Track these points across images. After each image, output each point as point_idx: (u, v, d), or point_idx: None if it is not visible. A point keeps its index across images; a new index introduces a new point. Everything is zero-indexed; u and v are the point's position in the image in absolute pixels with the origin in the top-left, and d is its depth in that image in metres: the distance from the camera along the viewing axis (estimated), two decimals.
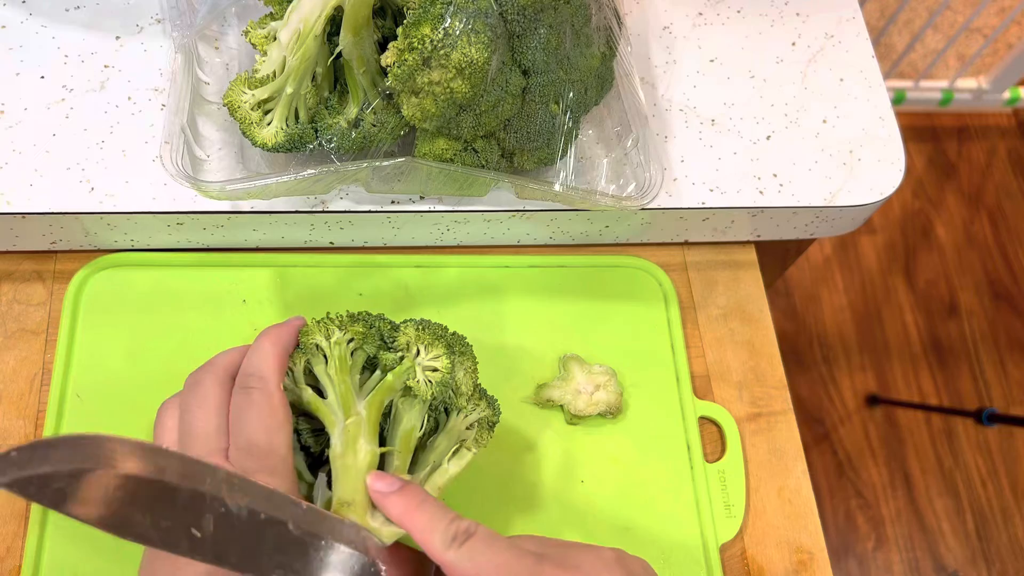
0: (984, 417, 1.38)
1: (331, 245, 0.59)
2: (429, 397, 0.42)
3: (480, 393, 0.45)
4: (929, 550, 1.45)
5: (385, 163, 0.50)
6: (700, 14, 0.66)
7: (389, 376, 0.42)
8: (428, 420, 0.43)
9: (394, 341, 0.43)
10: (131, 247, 0.57)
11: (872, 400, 1.56)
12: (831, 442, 1.53)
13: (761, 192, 0.59)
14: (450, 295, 0.59)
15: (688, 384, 0.58)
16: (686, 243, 0.64)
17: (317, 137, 0.51)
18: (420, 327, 0.43)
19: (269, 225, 0.55)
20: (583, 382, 0.55)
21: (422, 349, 0.43)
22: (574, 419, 0.56)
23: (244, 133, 0.52)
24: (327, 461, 0.42)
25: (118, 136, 0.55)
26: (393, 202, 0.55)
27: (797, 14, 0.67)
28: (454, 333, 0.45)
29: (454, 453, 0.44)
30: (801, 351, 1.60)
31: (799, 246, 0.72)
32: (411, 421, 0.43)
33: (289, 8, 0.49)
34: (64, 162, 0.54)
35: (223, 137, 0.55)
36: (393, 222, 0.57)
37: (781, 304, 1.64)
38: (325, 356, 0.42)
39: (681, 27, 0.65)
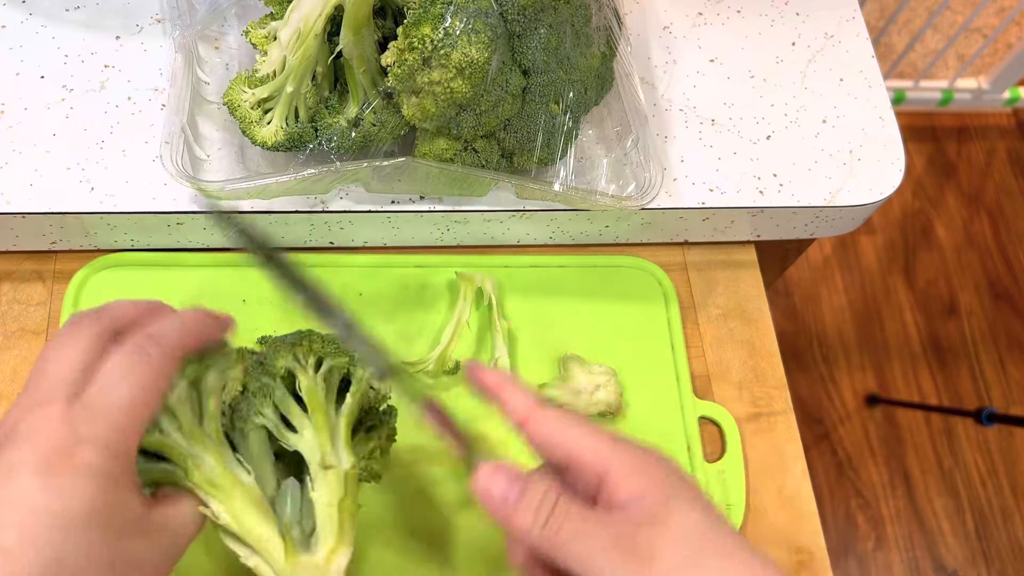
0: (984, 417, 1.38)
1: (331, 245, 0.59)
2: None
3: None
4: (929, 550, 1.45)
5: (385, 163, 0.50)
6: (700, 14, 0.66)
7: (350, 398, 0.44)
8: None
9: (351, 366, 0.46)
10: (131, 247, 0.57)
11: (872, 400, 1.56)
12: (831, 442, 1.53)
13: (761, 192, 0.59)
14: (450, 295, 0.59)
15: (688, 384, 0.58)
16: (686, 243, 0.64)
17: (317, 136, 0.51)
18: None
19: (269, 225, 0.55)
20: (583, 382, 0.55)
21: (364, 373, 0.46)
22: None
23: (244, 132, 0.52)
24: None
25: (118, 136, 0.55)
26: (393, 202, 0.55)
27: (797, 14, 0.67)
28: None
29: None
30: (801, 351, 1.60)
31: (799, 246, 0.72)
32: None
33: (289, 8, 0.49)
34: (64, 162, 0.54)
35: (223, 137, 0.55)
36: (393, 222, 0.57)
37: (781, 304, 1.64)
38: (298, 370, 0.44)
39: (681, 27, 0.65)
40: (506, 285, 0.60)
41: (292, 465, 0.42)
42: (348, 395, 0.44)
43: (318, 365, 0.43)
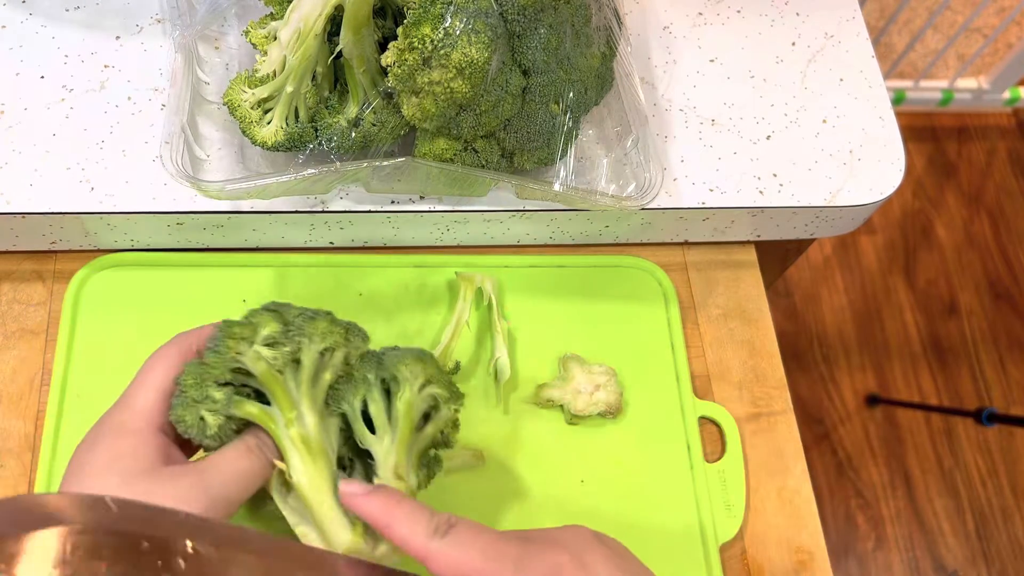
0: (984, 417, 1.38)
1: (331, 245, 0.59)
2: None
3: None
4: (929, 550, 1.45)
5: (385, 163, 0.50)
6: (700, 14, 0.66)
7: (430, 428, 0.44)
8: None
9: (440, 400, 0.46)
10: (131, 247, 0.57)
11: (872, 400, 1.56)
12: (831, 442, 1.53)
13: (761, 192, 0.59)
14: (450, 295, 0.59)
15: (688, 384, 0.58)
16: (686, 243, 0.64)
17: (317, 136, 0.51)
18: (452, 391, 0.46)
19: (269, 225, 0.55)
20: (583, 382, 0.55)
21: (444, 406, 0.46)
22: (574, 419, 0.56)
23: (244, 132, 0.52)
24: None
25: (118, 136, 0.55)
26: (393, 202, 0.55)
27: (797, 14, 0.67)
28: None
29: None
30: (801, 351, 1.60)
31: (799, 246, 0.72)
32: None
33: (289, 8, 0.49)
34: (64, 162, 0.54)
35: (223, 137, 0.55)
36: (393, 222, 0.57)
37: (781, 304, 1.64)
38: (390, 391, 0.43)
39: (681, 27, 0.65)
40: (506, 285, 0.60)
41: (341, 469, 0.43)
42: (429, 424, 0.44)
43: (423, 386, 0.43)
